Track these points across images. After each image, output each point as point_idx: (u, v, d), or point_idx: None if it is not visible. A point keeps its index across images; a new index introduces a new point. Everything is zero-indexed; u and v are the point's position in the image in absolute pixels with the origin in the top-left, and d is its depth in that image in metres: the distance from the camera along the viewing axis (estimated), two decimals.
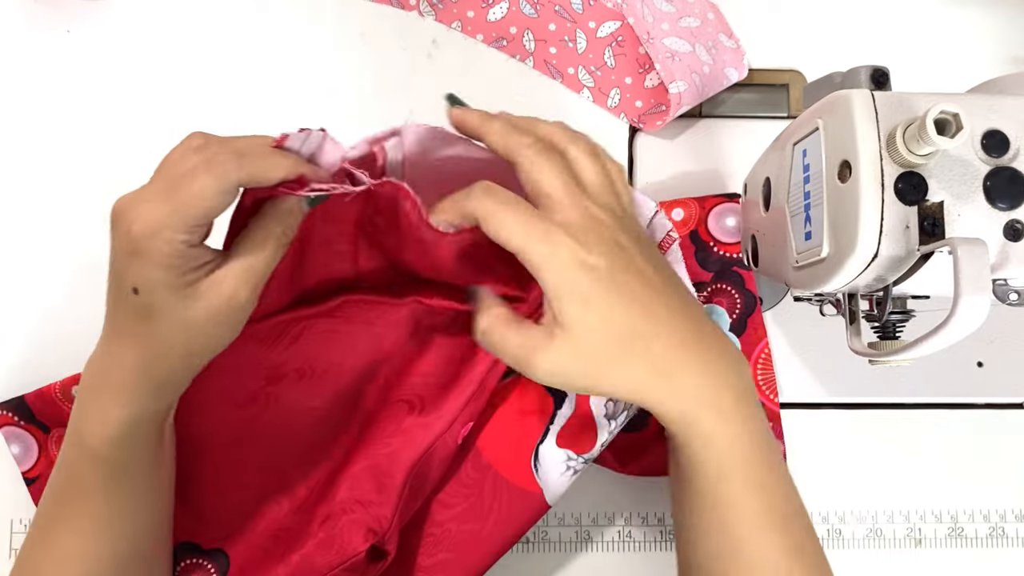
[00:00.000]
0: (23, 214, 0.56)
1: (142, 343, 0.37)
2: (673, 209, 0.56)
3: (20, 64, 0.58)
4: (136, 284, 0.36)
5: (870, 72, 0.40)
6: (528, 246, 0.37)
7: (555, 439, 0.46)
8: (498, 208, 0.37)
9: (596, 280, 0.37)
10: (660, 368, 0.38)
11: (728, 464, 0.38)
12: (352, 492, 0.45)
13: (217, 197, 0.35)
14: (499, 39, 0.59)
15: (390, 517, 0.44)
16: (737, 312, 0.55)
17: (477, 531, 0.47)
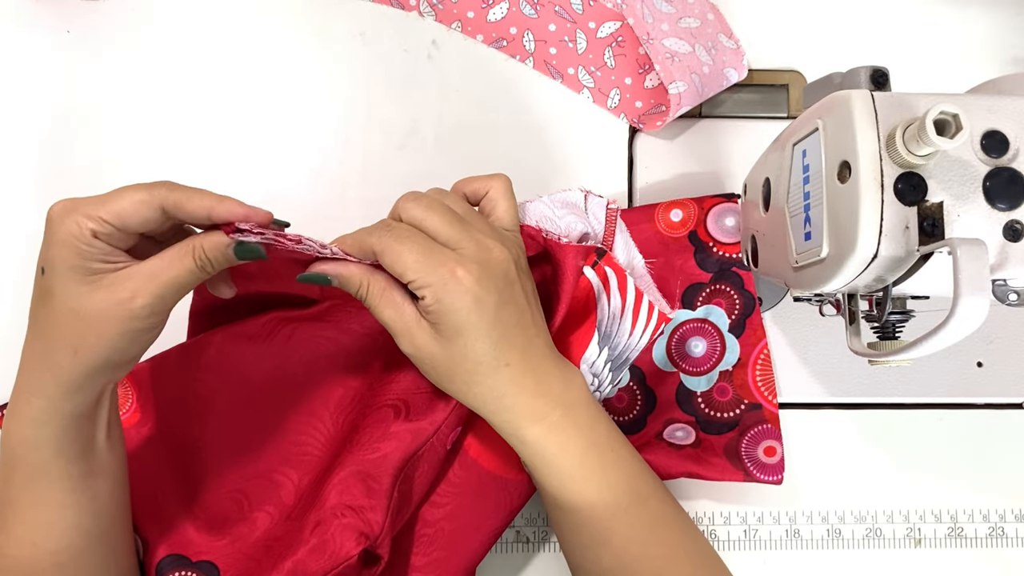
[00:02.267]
0: (23, 214, 0.56)
1: (40, 329, 0.38)
2: (672, 210, 0.56)
3: (20, 64, 0.58)
4: (44, 263, 0.37)
5: (870, 72, 0.40)
6: (421, 278, 0.39)
7: None
8: (394, 242, 0.40)
9: (478, 312, 0.40)
10: (500, 392, 0.42)
11: (566, 470, 0.43)
12: (342, 497, 0.45)
13: (137, 205, 0.37)
14: (499, 39, 0.59)
15: (381, 522, 0.45)
16: (736, 313, 0.55)
17: (467, 526, 0.48)
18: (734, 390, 0.55)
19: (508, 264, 0.41)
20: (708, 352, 0.55)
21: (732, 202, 0.55)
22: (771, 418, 0.55)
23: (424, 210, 0.41)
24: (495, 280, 0.40)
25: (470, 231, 0.41)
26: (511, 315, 0.41)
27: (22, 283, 0.56)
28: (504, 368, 0.41)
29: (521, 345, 0.41)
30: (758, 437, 0.54)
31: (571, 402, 0.43)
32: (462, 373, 0.41)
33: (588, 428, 0.43)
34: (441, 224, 0.41)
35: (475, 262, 0.40)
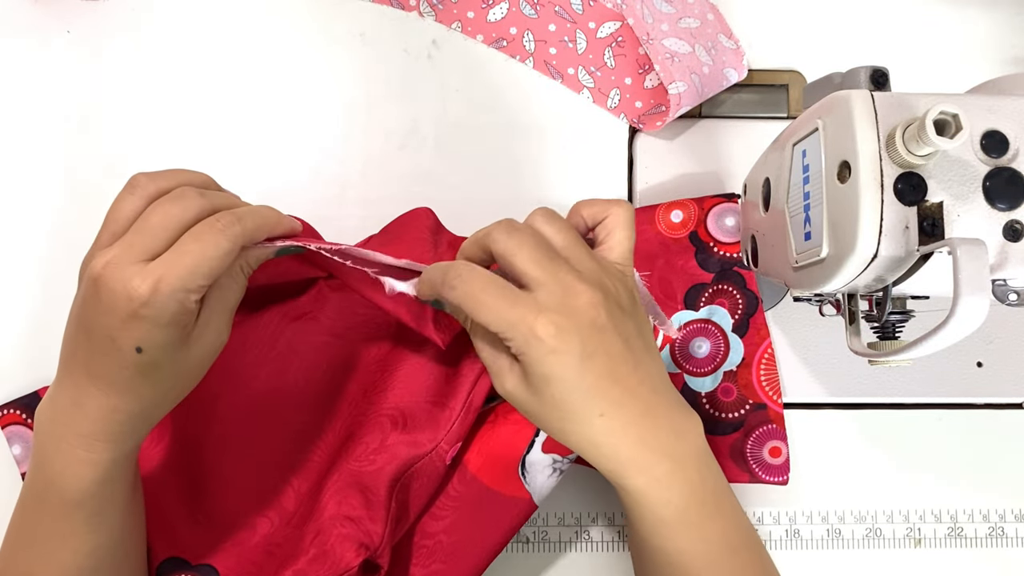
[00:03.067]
0: (24, 214, 0.56)
1: (138, 395, 0.38)
2: (672, 211, 0.56)
3: (20, 64, 0.58)
4: (141, 344, 0.36)
5: (870, 72, 0.40)
6: (502, 332, 0.38)
7: (541, 447, 0.47)
8: (477, 291, 0.38)
9: (561, 365, 0.38)
10: (597, 442, 0.39)
11: (663, 518, 0.40)
12: (340, 508, 0.46)
13: (225, 258, 0.37)
14: (499, 40, 0.59)
15: (381, 532, 0.45)
16: (739, 312, 0.55)
17: (466, 540, 0.47)
18: (739, 390, 0.55)
19: (596, 311, 0.38)
20: (712, 352, 0.55)
21: (732, 202, 0.55)
22: (776, 418, 0.55)
23: (516, 245, 0.39)
24: (579, 331, 0.38)
25: (558, 272, 0.38)
26: (602, 365, 0.38)
27: (22, 280, 0.56)
28: (598, 419, 0.39)
29: (616, 396, 0.39)
30: (763, 438, 0.54)
31: (681, 456, 0.40)
32: (555, 421, 0.39)
33: (697, 482, 0.40)
34: (528, 262, 0.38)
35: (555, 312, 0.37)
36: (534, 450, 0.47)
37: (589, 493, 0.55)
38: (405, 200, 0.57)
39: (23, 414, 0.52)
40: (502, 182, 0.58)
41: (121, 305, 0.35)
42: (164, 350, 0.37)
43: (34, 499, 0.41)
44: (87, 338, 0.37)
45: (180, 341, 0.37)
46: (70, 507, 0.40)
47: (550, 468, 0.47)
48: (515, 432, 0.47)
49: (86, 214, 0.56)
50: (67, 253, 0.56)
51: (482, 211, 0.57)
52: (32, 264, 0.56)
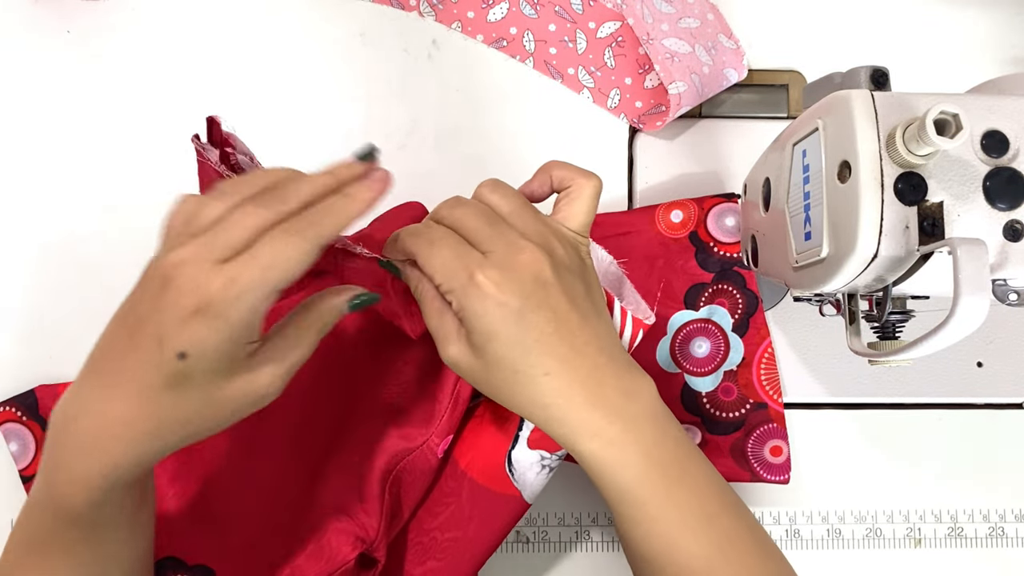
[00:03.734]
0: (23, 214, 0.56)
1: (157, 411, 0.35)
2: (672, 211, 0.56)
3: (20, 64, 0.58)
4: (187, 349, 0.33)
5: (870, 72, 0.40)
6: (446, 282, 0.38)
7: (526, 443, 0.46)
8: (426, 245, 0.39)
9: (502, 318, 0.38)
10: (545, 403, 0.39)
11: (624, 485, 0.40)
12: (336, 502, 0.45)
13: (307, 262, 0.34)
14: (499, 40, 0.59)
15: (376, 525, 0.45)
16: (739, 312, 0.55)
17: (460, 537, 0.47)
18: (739, 390, 0.55)
19: (539, 265, 0.38)
20: (712, 352, 0.55)
21: (732, 202, 0.56)
22: (777, 417, 0.55)
23: (462, 211, 0.40)
24: (521, 284, 0.38)
25: (503, 231, 0.39)
26: (545, 321, 0.38)
27: (21, 280, 0.56)
28: (543, 378, 0.38)
29: (563, 353, 0.38)
30: (764, 437, 0.54)
31: (634, 416, 0.40)
32: (500, 383, 0.39)
33: (652, 444, 0.40)
34: (475, 224, 0.39)
35: (497, 266, 0.38)
36: (519, 446, 0.46)
37: (589, 493, 0.55)
38: (405, 200, 0.58)
39: (19, 412, 0.52)
40: None
41: (186, 301, 0.33)
42: (206, 365, 0.34)
43: (37, 499, 0.39)
44: (129, 337, 0.35)
45: (226, 362, 0.34)
46: (69, 521, 0.37)
47: (539, 465, 0.46)
48: (499, 428, 0.47)
49: (85, 213, 0.57)
50: (66, 252, 0.56)
51: None
52: (31, 263, 0.56)
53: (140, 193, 0.57)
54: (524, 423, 0.46)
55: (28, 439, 0.53)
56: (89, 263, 0.56)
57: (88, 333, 0.41)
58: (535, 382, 0.39)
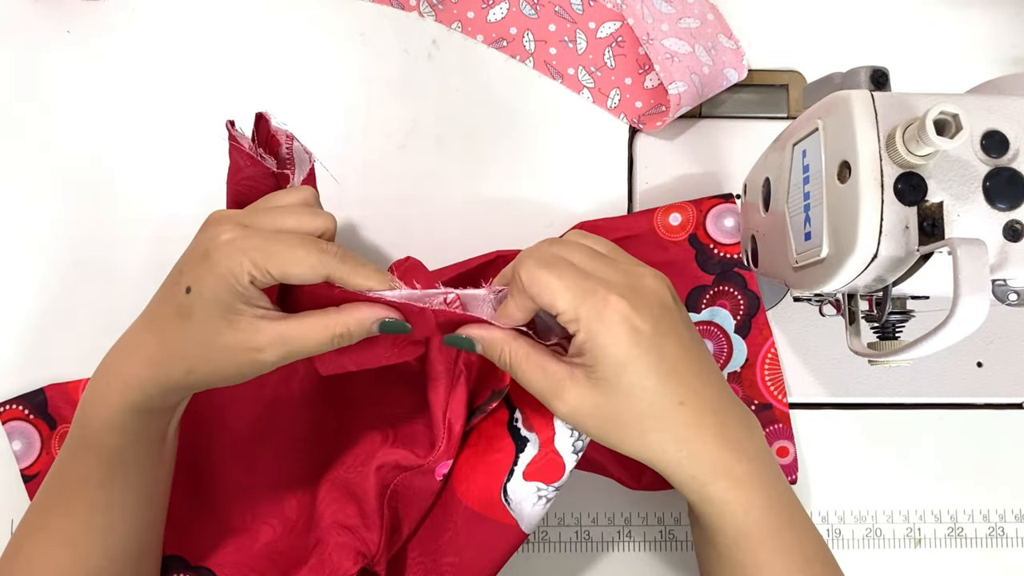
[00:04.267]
0: (24, 214, 0.56)
1: (166, 337, 0.39)
2: (670, 214, 0.56)
3: (20, 64, 0.58)
4: (192, 284, 0.37)
5: (870, 72, 0.40)
6: (574, 308, 0.36)
7: (522, 476, 0.45)
8: (542, 269, 0.37)
9: (637, 344, 0.36)
10: (679, 437, 0.38)
11: (744, 529, 0.38)
12: (337, 517, 0.46)
13: (305, 273, 0.37)
14: (499, 40, 0.59)
15: (377, 541, 0.45)
16: (741, 313, 0.55)
17: (456, 564, 0.47)
18: (743, 391, 0.55)
19: (663, 292, 0.38)
20: (715, 354, 0.55)
21: (730, 203, 0.55)
22: (782, 418, 0.55)
23: (566, 246, 0.39)
24: (651, 308, 0.36)
25: (614, 263, 0.39)
26: (675, 347, 0.37)
27: (21, 280, 0.56)
28: (679, 407, 0.37)
29: (693, 382, 0.37)
30: (770, 437, 0.54)
31: (755, 453, 0.39)
32: (632, 420, 0.37)
33: (771, 485, 0.39)
34: (585, 257, 0.38)
35: (625, 290, 0.36)
36: (515, 479, 0.45)
37: (589, 493, 0.55)
38: (405, 200, 0.58)
39: (26, 410, 0.52)
40: (502, 182, 0.58)
41: (203, 243, 0.38)
42: (205, 303, 0.37)
43: (68, 440, 0.42)
44: (168, 278, 0.40)
45: (223, 310, 0.37)
46: (87, 449, 0.40)
47: (535, 496, 0.45)
48: (493, 459, 0.46)
49: (87, 214, 0.57)
50: (68, 252, 0.56)
51: (482, 211, 0.58)
52: (34, 262, 0.56)
53: (141, 193, 0.57)
54: (519, 457, 0.45)
55: (33, 437, 0.53)
56: (91, 262, 0.56)
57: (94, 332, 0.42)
58: (671, 413, 0.37)
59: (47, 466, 0.52)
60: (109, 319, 0.55)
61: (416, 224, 0.57)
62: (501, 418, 0.46)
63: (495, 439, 0.46)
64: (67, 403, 0.53)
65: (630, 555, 0.55)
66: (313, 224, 0.38)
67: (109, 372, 0.40)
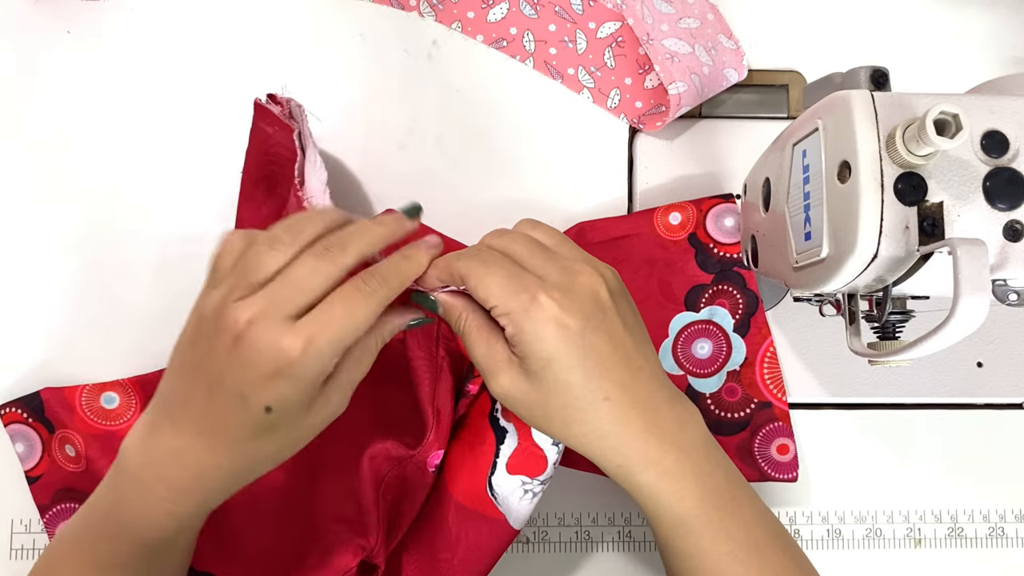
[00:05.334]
0: (24, 215, 0.56)
1: (249, 455, 0.37)
2: (670, 213, 0.56)
3: (20, 64, 0.58)
4: (274, 404, 0.35)
5: (870, 72, 0.40)
6: (503, 303, 0.37)
7: (505, 468, 0.45)
8: (480, 266, 0.38)
9: (563, 340, 0.37)
10: (603, 430, 0.39)
11: (680, 517, 0.39)
12: (334, 511, 0.46)
13: (373, 319, 0.36)
14: (499, 40, 0.59)
15: (375, 533, 0.45)
16: (740, 312, 0.55)
17: (449, 559, 0.47)
18: (743, 390, 0.55)
19: (598, 288, 0.38)
20: (714, 353, 0.55)
21: (730, 202, 0.55)
22: (782, 416, 0.55)
23: (509, 238, 0.40)
24: (581, 305, 0.37)
25: (554, 257, 0.39)
26: (604, 343, 0.38)
27: (21, 280, 0.56)
28: (603, 403, 0.38)
29: (621, 377, 0.38)
30: (770, 435, 0.54)
31: (688, 444, 0.39)
32: (557, 411, 0.38)
33: (706, 474, 0.39)
34: (525, 252, 0.39)
35: (558, 287, 0.37)
36: (498, 472, 0.45)
37: (589, 493, 0.55)
38: (405, 200, 0.57)
39: (25, 413, 0.52)
40: (502, 182, 0.58)
41: (266, 363, 0.34)
42: (291, 413, 0.36)
43: (103, 530, 0.40)
44: (208, 391, 0.36)
45: (308, 406, 0.37)
46: (141, 549, 0.39)
47: (520, 491, 0.45)
48: (477, 453, 0.46)
49: (85, 214, 0.57)
50: (68, 253, 0.56)
51: (482, 211, 0.58)
52: (34, 264, 0.56)
53: (142, 193, 0.57)
54: (499, 451, 0.45)
55: (34, 440, 0.53)
56: (90, 263, 0.56)
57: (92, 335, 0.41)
58: (594, 408, 0.38)
59: (49, 468, 0.52)
60: (109, 320, 0.55)
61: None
62: (484, 409, 0.46)
63: (479, 431, 0.46)
64: (64, 408, 0.53)
65: (630, 555, 0.55)
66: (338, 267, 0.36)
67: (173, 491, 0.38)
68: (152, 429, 0.38)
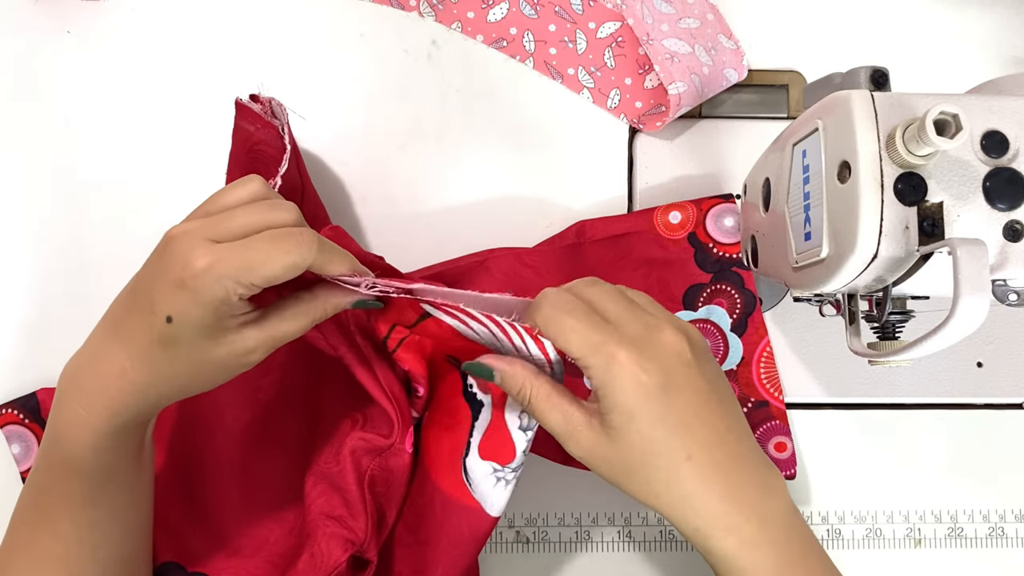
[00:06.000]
0: (22, 214, 0.56)
1: (150, 365, 0.38)
2: (670, 212, 0.56)
3: (20, 64, 0.58)
4: (173, 314, 0.36)
5: (870, 73, 0.40)
6: (585, 357, 0.37)
7: (478, 451, 0.45)
8: (560, 313, 0.38)
9: (646, 397, 0.37)
10: (684, 491, 0.38)
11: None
12: (323, 508, 0.46)
13: (288, 273, 0.37)
14: (499, 40, 0.59)
15: (364, 527, 0.45)
16: (737, 312, 0.55)
17: (433, 551, 0.47)
18: (740, 389, 0.55)
19: (681, 345, 0.38)
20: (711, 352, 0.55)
21: (730, 202, 0.56)
22: (779, 414, 0.55)
23: (598, 288, 0.40)
24: (662, 362, 0.37)
25: (639, 312, 0.39)
26: (687, 402, 0.37)
27: (22, 281, 0.56)
28: (685, 462, 0.37)
29: (705, 438, 0.37)
30: (768, 434, 0.54)
31: (769, 514, 0.38)
32: (639, 468, 0.38)
33: (784, 545, 0.38)
34: (611, 301, 0.39)
35: (637, 342, 0.37)
36: (471, 455, 0.45)
37: (589, 493, 0.55)
38: (405, 200, 0.58)
39: (21, 414, 0.53)
40: (502, 182, 0.58)
41: (175, 270, 0.36)
42: (191, 331, 0.37)
43: (43, 456, 0.41)
44: (132, 296, 0.38)
45: (210, 332, 0.37)
46: (68, 470, 0.40)
47: (493, 478, 0.45)
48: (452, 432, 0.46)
49: (85, 214, 0.57)
50: (66, 253, 0.56)
51: (482, 211, 0.58)
52: (31, 264, 0.56)
53: (142, 193, 0.57)
54: (474, 428, 0.45)
55: (31, 441, 0.53)
56: (90, 264, 0.56)
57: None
58: (676, 467, 0.37)
59: None
60: None
61: (416, 224, 0.57)
62: (456, 388, 0.46)
63: (453, 411, 0.46)
64: None
65: (630, 555, 0.55)
66: (278, 218, 0.38)
67: (84, 394, 0.39)
68: (87, 340, 0.40)
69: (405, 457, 0.46)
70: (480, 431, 0.45)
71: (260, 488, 0.50)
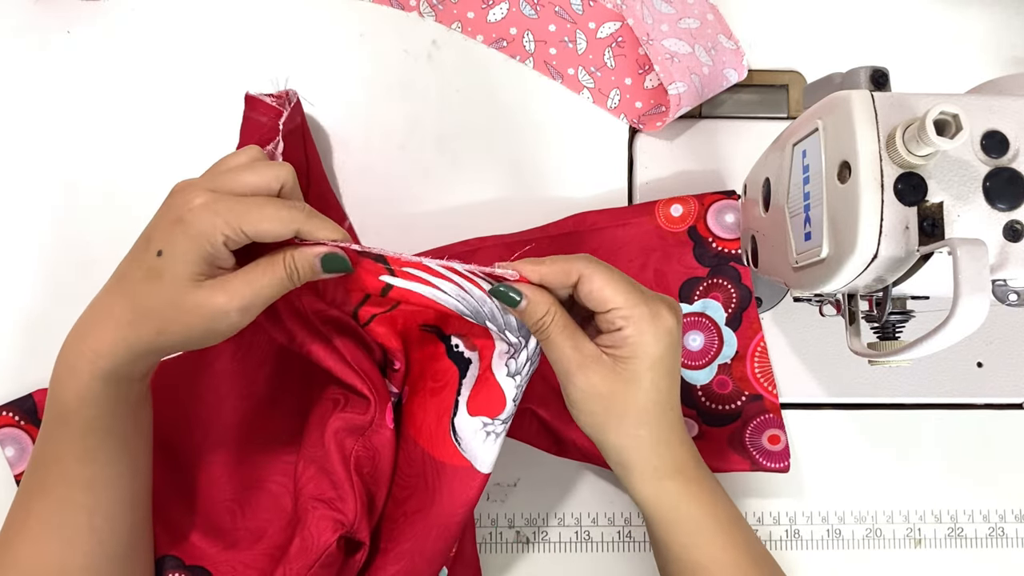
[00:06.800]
0: (23, 214, 0.56)
1: (135, 299, 0.39)
2: (672, 205, 0.56)
3: (20, 64, 0.58)
4: (164, 248, 0.38)
5: (870, 73, 0.40)
6: (630, 304, 0.40)
7: (466, 409, 0.45)
8: (604, 268, 0.41)
9: (673, 355, 0.42)
10: (663, 435, 0.43)
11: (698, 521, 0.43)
12: (313, 492, 0.46)
13: (276, 229, 0.39)
14: (499, 40, 0.59)
15: (353, 508, 0.45)
16: (733, 306, 0.55)
17: (426, 517, 0.47)
18: (734, 383, 0.55)
19: (678, 315, 0.42)
20: (706, 346, 0.55)
21: (732, 199, 0.56)
22: (772, 408, 0.55)
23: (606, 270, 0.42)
24: (678, 332, 0.42)
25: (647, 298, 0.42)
26: (678, 365, 0.43)
27: (22, 281, 0.56)
28: (670, 411, 0.43)
29: (677, 394, 0.43)
30: (761, 426, 0.55)
31: (698, 458, 0.44)
32: (636, 412, 0.42)
33: (711, 484, 0.44)
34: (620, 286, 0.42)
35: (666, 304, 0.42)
36: (460, 413, 0.45)
37: (589, 493, 0.55)
38: (405, 200, 0.58)
39: (16, 416, 0.52)
40: (502, 182, 0.58)
41: (174, 212, 0.38)
42: (176, 264, 0.38)
43: (43, 422, 0.42)
44: (135, 245, 0.40)
45: (192, 272, 0.38)
46: (59, 425, 0.41)
47: (482, 433, 0.45)
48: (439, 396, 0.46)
49: (85, 214, 0.57)
50: (66, 254, 0.56)
51: (482, 211, 0.58)
52: (31, 265, 0.56)
53: (142, 193, 0.57)
54: (461, 386, 0.45)
55: (26, 444, 0.52)
56: (90, 264, 0.56)
57: None
58: (666, 415, 0.42)
59: None
60: None
61: (416, 224, 0.57)
62: (439, 351, 0.46)
63: (438, 374, 0.46)
64: None
65: (630, 555, 0.55)
66: (273, 173, 0.40)
67: (76, 339, 0.40)
68: None
69: (387, 433, 0.46)
70: (468, 387, 0.45)
71: (257, 481, 0.50)
